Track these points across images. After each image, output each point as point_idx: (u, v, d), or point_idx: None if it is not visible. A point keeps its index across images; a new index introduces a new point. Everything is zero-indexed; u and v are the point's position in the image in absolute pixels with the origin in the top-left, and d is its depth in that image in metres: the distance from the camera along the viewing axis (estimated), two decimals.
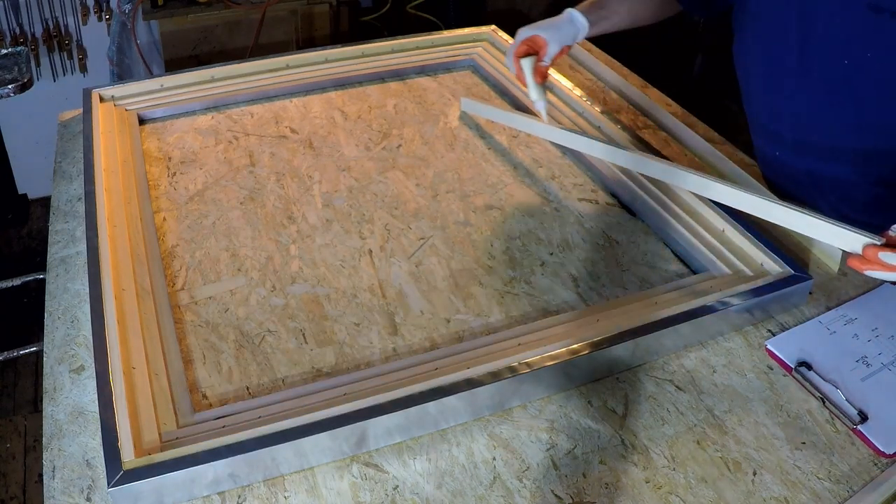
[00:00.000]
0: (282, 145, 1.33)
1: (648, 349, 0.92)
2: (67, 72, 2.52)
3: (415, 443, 0.83)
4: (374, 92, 1.51)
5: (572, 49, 1.71)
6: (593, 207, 1.20)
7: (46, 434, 0.84)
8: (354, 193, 1.21)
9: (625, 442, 0.84)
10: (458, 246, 1.11)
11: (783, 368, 0.93)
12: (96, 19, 2.46)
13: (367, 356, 0.93)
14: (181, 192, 1.21)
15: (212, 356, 0.93)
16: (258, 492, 0.78)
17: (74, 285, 1.04)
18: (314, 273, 1.06)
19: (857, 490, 0.79)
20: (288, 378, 0.90)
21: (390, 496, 0.78)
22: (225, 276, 1.05)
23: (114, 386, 0.82)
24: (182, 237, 1.12)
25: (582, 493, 0.79)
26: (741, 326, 0.98)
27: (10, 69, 1.93)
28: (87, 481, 0.79)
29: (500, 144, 1.35)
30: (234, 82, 1.48)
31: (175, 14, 2.21)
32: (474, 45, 1.65)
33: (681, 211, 1.14)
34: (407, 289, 1.03)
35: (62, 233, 1.14)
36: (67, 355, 0.93)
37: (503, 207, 1.19)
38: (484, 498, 0.78)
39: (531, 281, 1.05)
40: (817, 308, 1.02)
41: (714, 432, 0.85)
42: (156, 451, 0.77)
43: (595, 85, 1.56)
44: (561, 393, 0.89)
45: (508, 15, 3.00)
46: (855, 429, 0.85)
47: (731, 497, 0.78)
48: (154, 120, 1.41)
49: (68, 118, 1.43)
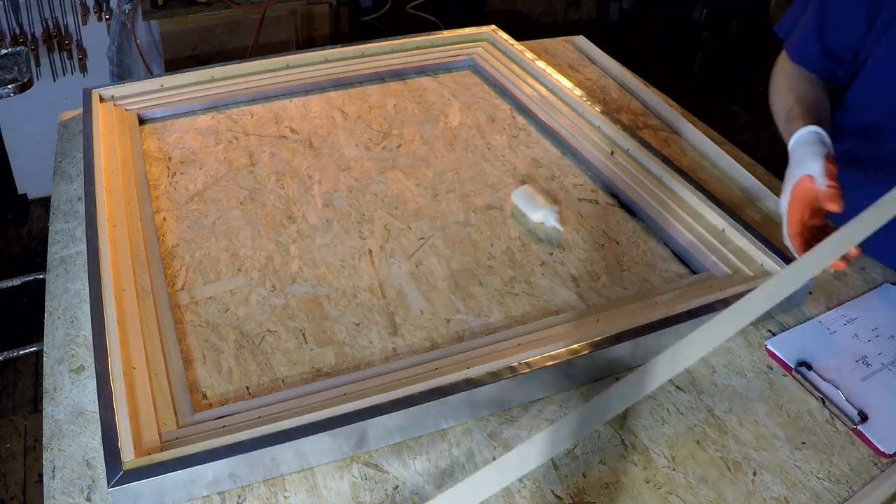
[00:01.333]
0: (282, 145, 1.33)
1: (648, 349, 0.92)
2: (67, 72, 2.52)
3: (415, 443, 0.83)
4: (374, 92, 1.51)
5: (579, 44, 1.71)
6: (593, 207, 1.20)
7: (46, 434, 0.84)
8: (354, 193, 1.21)
9: (625, 442, 0.84)
10: (458, 246, 1.11)
11: (783, 368, 0.93)
12: (96, 19, 2.46)
13: (367, 356, 0.93)
14: (181, 192, 1.21)
15: (212, 356, 0.93)
16: (258, 492, 0.78)
17: (74, 285, 1.04)
18: (314, 273, 1.06)
19: (857, 490, 0.79)
20: (288, 378, 0.90)
21: (390, 496, 0.78)
22: (225, 276, 1.05)
23: (114, 386, 0.82)
24: (182, 237, 1.12)
25: (582, 493, 0.79)
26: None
27: (10, 69, 1.93)
28: (87, 481, 0.79)
29: (500, 144, 1.35)
30: (234, 82, 1.48)
31: (175, 14, 2.21)
32: (474, 45, 1.65)
33: (681, 211, 1.14)
34: (407, 289, 1.03)
35: (62, 233, 1.14)
36: (67, 355, 0.93)
37: (503, 207, 1.19)
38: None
39: (531, 281, 1.05)
40: (817, 308, 1.02)
41: (714, 432, 0.85)
42: (156, 451, 0.77)
43: (595, 85, 1.56)
44: (561, 393, 0.89)
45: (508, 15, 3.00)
46: (855, 429, 0.85)
47: (731, 497, 0.78)
48: (154, 120, 1.41)
49: (68, 118, 1.43)
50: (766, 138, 1.24)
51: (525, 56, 1.56)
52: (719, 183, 1.26)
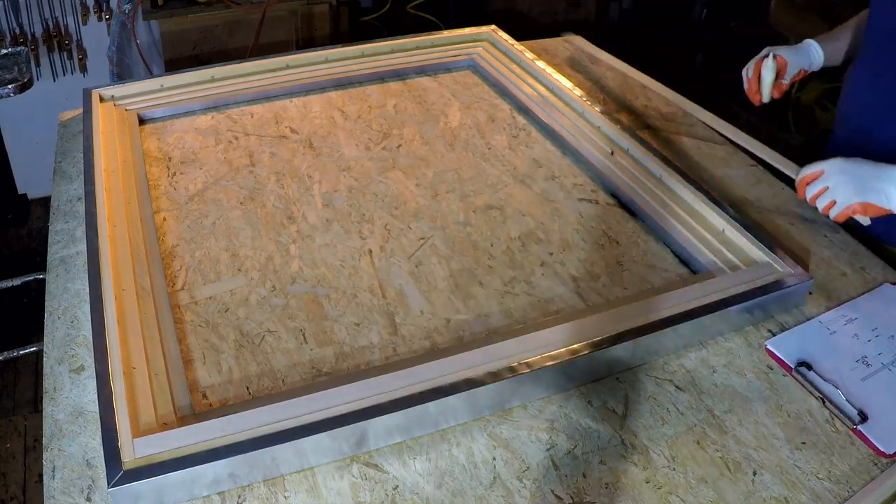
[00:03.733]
0: (282, 145, 1.33)
1: (648, 349, 0.92)
2: (67, 72, 2.52)
3: (415, 443, 0.83)
4: (374, 92, 1.51)
5: (579, 44, 1.71)
6: (593, 207, 1.20)
7: (46, 434, 0.84)
8: (354, 193, 1.21)
9: (625, 442, 0.84)
10: (458, 246, 1.11)
11: (783, 368, 0.93)
12: (96, 19, 2.46)
13: (367, 356, 0.93)
14: (181, 192, 1.21)
15: (212, 356, 0.93)
16: (258, 492, 0.78)
17: (74, 285, 1.04)
18: (314, 273, 1.06)
19: (857, 490, 0.79)
20: (288, 378, 0.90)
21: (390, 496, 0.78)
22: (225, 276, 1.05)
23: (114, 386, 0.82)
24: (182, 237, 1.11)
25: (582, 493, 0.79)
26: (741, 326, 0.98)
27: (10, 69, 1.93)
28: (87, 481, 0.79)
29: (500, 144, 1.35)
30: (234, 82, 1.48)
31: (175, 14, 2.21)
32: (474, 45, 1.65)
33: (681, 211, 1.14)
34: (407, 289, 1.03)
35: (62, 233, 1.14)
36: (67, 355, 0.93)
37: (503, 207, 1.19)
38: (484, 498, 0.78)
39: (531, 281, 1.05)
40: (817, 308, 1.02)
41: (714, 432, 0.85)
42: (156, 451, 0.77)
43: (595, 85, 1.56)
44: (561, 393, 0.89)
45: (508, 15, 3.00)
46: (855, 429, 0.85)
47: (731, 497, 0.78)
48: (154, 120, 1.41)
49: (68, 118, 1.43)
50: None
51: (525, 56, 1.56)
52: (719, 183, 1.26)
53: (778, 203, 1.22)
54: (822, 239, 1.14)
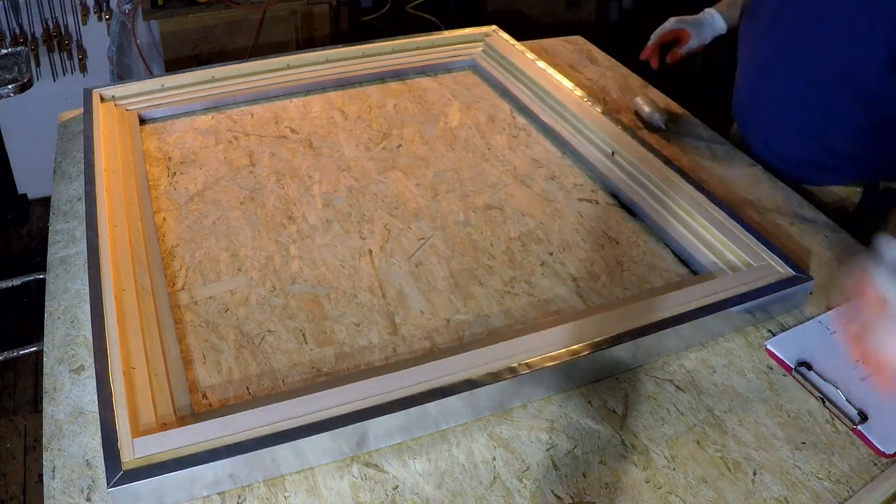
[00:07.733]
0: (282, 145, 1.33)
1: (649, 350, 0.92)
2: (67, 72, 2.52)
3: (415, 443, 0.83)
4: (374, 92, 1.51)
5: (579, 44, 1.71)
6: (593, 207, 1.20)
7: (46, 434, 0.84)
8: (354, 193, 1.21)
9: (625, 442, 0.84)
10: (458, 246, 1.11)
11: (783, 368, 0.93)
12: (96, 19, 2.46)
13: (367, 356, 0.93)
14: (181, 192, 1.21)
15: (212, 356, 0.93)
16: (258, 492, 0.78)
17: (74, 285, 1.04)
18: (314, 273, 1.06)
19: (857, 490, 0.79)
20: (288, 378, 0.90)
21: (390, 496, 0.78)
22: (225, 276, 1.05)
23: (114, 386, 0.82)
24: (182, 237, 1.11)
25: (582, 493, 0.79)
26: (741, 327, 0.98)
27: (10, 69, 1.93)
28: (87, 481, 0.79)
29: (500, 144, 1.35)
30: (234, 82, 1.48)
31: (175, 14, 2.21)
32: (474, 45, 1.65)
33: (681, 211, 1.14)
34: (407, 289, 1.03)
35: (62, 233, 1.14)
36: (67, 355, 0.93)
37: (503, 207, 1.19)
38: (484, 498, 0.78)
39: (531, 281, 1.05)
40: (817, 308, 1.02)
41: (714, 432, 0.85)
42: (156, 450, 0.77)
43: (595, 85, 1.56)
44: (561, 393, 0.89)
45: (508, 15, 3.00)
46: (855, 429, 0.85)
47: (731, 497, 0.78)
48: (154, 120, 1.41)
49: (68, 118, 1.43)
50: None
51: (525, 56, 1.55)
52: (719, 183, 1.26)
53: (778, 203, 1.22)
54: (823, 239, 1.14)
